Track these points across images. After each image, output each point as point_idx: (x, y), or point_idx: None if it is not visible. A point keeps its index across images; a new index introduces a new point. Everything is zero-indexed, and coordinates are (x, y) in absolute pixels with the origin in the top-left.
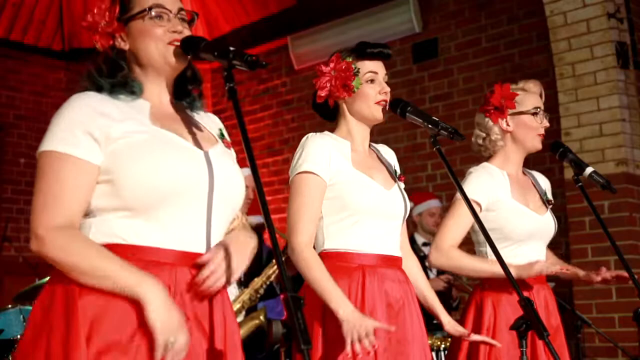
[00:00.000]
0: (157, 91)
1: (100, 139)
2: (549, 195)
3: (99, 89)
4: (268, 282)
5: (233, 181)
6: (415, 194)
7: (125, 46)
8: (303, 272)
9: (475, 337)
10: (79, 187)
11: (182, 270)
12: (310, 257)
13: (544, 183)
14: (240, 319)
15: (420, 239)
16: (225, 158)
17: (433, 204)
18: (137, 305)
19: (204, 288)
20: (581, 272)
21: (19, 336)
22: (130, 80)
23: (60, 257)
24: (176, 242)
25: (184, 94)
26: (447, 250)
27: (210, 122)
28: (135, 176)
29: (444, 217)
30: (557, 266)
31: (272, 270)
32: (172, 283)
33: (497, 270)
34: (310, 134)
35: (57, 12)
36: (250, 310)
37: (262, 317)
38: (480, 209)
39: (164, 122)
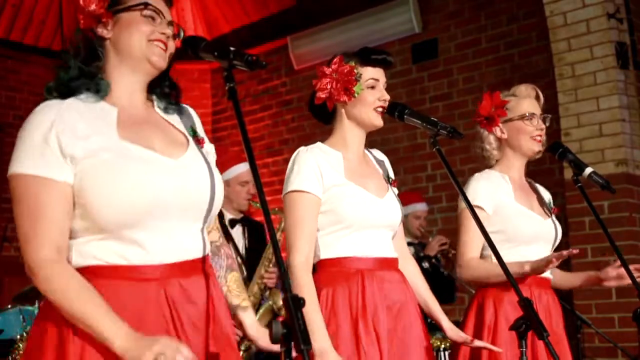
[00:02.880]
0: (129, 89)
1: (67, 157)
2: (552, 205)
3: (63, 87)
4: (271, 265)
5: (208, 186)
6: (402, 194)
7: (107, 34)
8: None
9: (477, 344)
10: (59, 211)
11: (169, 282)
12: (301, 281)
13: (547, 195)
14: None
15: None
16: (197, 162)
17: (419, 207)
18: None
19: None
20: (592, 272)
21: (18, 336)
22: (98, 76)
23: (47, 294)
24: (158, 256)
25: (158, 96)
26: (468, 262)
27: (184, 118)
28: (105, 198)
29: (458, 232)
30: (564, 253)
31: (270, 252)
32: (161, 297)
33: (512, 269)
34: (300, 149)
35: (56, 12)
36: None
37: (270, 302)
38: (487, 213)
39: (132, 131)
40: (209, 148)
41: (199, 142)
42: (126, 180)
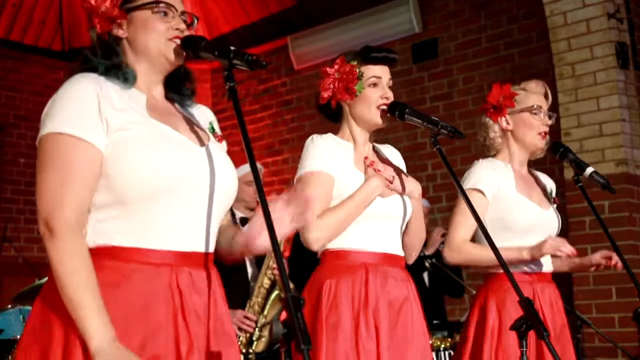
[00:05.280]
0: (148, 84)
1: (105, 124)
2: (554, 194)
3: (94, 70)
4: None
5: (229, 177)
6: None
7: (122, 34)
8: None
9: None
10: (90, 176)
11: (181, 270)
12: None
13: (549, 184)
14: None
15: None
16: (220, 154)
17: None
18: (137, 317)
19: None
20: (577, 260)
21: (18, 336)
22: (124, 66)
23: (55, 262)
24: (173, 242)
25: (175, 91)
26: (459, 245)
27: (201, 115)
28: (134, 170)
29: (453, 214)
30: (567, 245)
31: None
32: (173, 284)
33: (510, 255)
34: (314, 136)
35: (57, 12)
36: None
37: (277, 291)
38: (487, 198)
39: (160, 116)
40: (225, 147)
41: (217, 138)
42: (157, 153)
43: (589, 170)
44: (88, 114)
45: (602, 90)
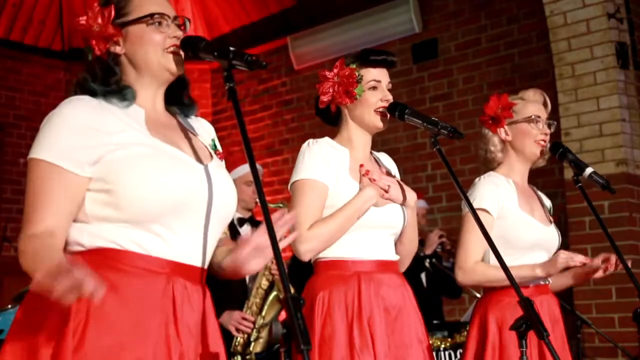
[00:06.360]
0: (151, 97)
1: (92, 149)
2: (551, 212)
3: (92, 93)
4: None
5: (229, 196)
6: None
7: (120, 51)
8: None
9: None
10: (64, 200)
11: (177, 279)
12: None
13: (547, 202)
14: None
15: None
16: (221, 172)
17: (419, 204)
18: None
19: None
20: (579, 269)
21: None
22: (123, 86)
23: (25, 265)
24: (173, 253)
25: (175, 99)
26: (472, 267)
27: (203, 130)
28: (138, 190)
29: (462, 233)
30: (580, 256)
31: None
32: (169, 291)
33: (523, 273)
34: (310, 141)
35: (57, 12)
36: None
37: (275, 292)
38: (492, 216)
39: (161, 132)
40: (223, 164)
41: (218, 156)
42: (160, 175)
43: (588, 170)
44: (69, 141)
45: (602, 90)
